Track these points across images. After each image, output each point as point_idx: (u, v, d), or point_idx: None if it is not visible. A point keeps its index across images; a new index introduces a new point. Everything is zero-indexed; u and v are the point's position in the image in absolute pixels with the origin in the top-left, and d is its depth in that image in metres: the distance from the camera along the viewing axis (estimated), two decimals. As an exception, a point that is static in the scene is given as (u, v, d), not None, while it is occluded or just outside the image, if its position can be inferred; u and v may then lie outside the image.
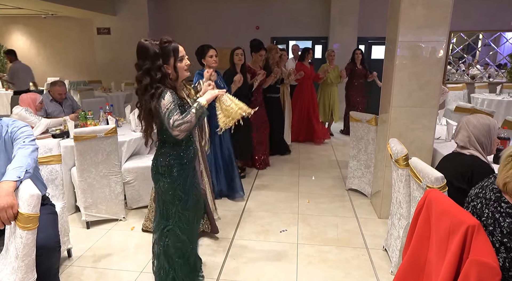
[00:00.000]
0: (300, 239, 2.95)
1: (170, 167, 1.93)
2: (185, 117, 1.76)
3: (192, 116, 1.76)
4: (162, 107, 1.78)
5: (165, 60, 1.83)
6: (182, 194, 1.98)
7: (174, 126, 1.75)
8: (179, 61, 1.88)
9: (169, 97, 1.79)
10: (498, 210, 1.35)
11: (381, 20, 7.94)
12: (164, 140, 1.95)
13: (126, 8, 8.28)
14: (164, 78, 1.82)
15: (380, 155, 3.38)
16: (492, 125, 2.04)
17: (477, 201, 1.51)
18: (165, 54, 1.82)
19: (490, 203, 1.40)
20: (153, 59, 1.79)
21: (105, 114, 3.70)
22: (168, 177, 1.94)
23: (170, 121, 1.75)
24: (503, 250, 1.32)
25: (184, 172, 1.97)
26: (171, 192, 1.96)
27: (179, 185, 1.96)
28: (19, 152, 1.78)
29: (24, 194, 1.55)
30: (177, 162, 1.94)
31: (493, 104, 6.92)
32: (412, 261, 1.63)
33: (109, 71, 8.60)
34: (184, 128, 1.76)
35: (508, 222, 1.31)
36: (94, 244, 2.85)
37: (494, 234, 1.35)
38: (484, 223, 1.39)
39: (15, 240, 1.57)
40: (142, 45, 1.81)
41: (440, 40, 2.88)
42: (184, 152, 1.96)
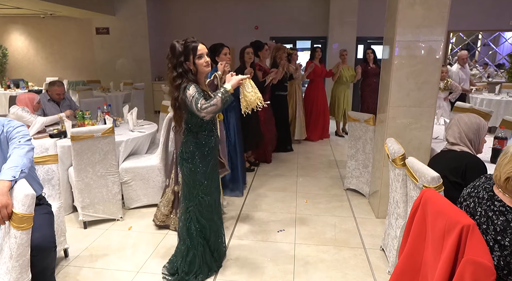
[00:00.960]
0: (298, 239, 2.95)
1: (192, 153, 2.21)
2: (211, 101, 2.01)
3: (218, 100, 2.00)
4: (188, 97, 2.04)
5: (186, 57, 2.08)
6: (203, 179, 2.25)
7: (202, 109, 1.99)
8: (197, 58, 2.11)
9: (193, 88, 2.05)
10: (491, 209, 1.35)
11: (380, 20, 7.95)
12: (189, 129, 2.22)
13: (125, 8, 8.27)
14: (186, 73, 2.08)
15: (378, 154, 3.37)
16: (482, 125, 2.07)
17: (469, 201, 1.51)
18: (186, 52, 2.08)
19: (483, 202, 1.40)
20: (177, 57, 2.07)
21: (103, 114, 3.69)
22: (190, 162, 2.22)
23: (198, 106, 2.00)
24: (497, 248, 1.32)
25: (205, 159, 2.24)
26: (193, 176, 2.24)
27: (200, 171, 2.23)
28: (15, 151, 1.77)
29: (19, 193, 1.55)
30: (199, 149, 2.22)
31: (492, 104, 6.91)
32: (408, 261, 1.62)
33: (108, 71, 8.60)
34: (210, 110, 2.00)
35: (501, 220, 1.31)
36: (91, 244, 2.85)
37: (487, 233, 1.35)
38: (478, 222, 1.39)
39: (9, 240, 1.57)
40: (172, 45, 2.10)
41: (437, 40, 2.87)
42: (206, 140, 2.23)
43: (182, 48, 2.08)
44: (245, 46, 4.21)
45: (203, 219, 2.30)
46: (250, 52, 4.13)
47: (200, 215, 2.29)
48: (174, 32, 8.65)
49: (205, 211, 2.30)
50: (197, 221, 2.29)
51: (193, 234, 2.30)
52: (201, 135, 2.22)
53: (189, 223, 2.29)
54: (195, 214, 2.28)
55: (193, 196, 2.26)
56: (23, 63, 9.77)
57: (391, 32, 2.99)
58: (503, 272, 1.31)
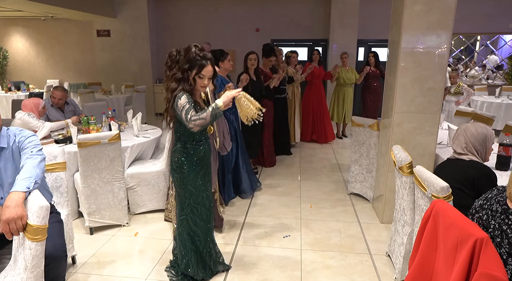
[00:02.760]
0: (304, 245, 2.96)
1: (181, 163, 2.21)
2: (201, 114, 2.00)
3: (207, 115, 2.00)
4: (178, 106, 2.04)
5: (191, 68, 2.09)
6: (192, 189, 2.25)
7: (190, 120, 1.99)
8: (198, 77, 2.11)
9: (185, 98, 2.05)
10: (505, 222, 1.37)
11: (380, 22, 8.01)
12: (178, 138, 2.23)
13: (126, 10, 8.27)
14: (183, 80, 2.08)
15: (382, 160, 3.39)
16: (489, 135, 2.08)
17: (482, 213, 1.52)
18: (192, 64, 2.08)
19: (497, 215, 1.41)
20: (183, 62, 2.08)
21: (108, 119, 3.70)
22: (179, 172, 2.22)
23: (187, 116, 1.99)
24: (511, 262, 1.34)
25: (194, 169, 2.23)
26: (183, 186, 2.24)
27: (189, 181, 2.23)
28: (28, 162, 1.78)
29: (33, 205, 1.56)
30: (187, 159, 2.21)
31: (492, 107, 6.96)
32: (419, 271, 1.64)
33: (109, 74, 8.60)
34: (198, 123, 2.00)
35: None
36: (98, 250, 2.85)
37: (501, 246, 1.37)
38: (491, 234, 1.41)
39: (24, 251, 1.58)
40: (188, 47, 2.09)
41: (442, 46, 2.89)
42: (194, 150, 2.22)
43: (193, 57, 2.07)
44: (249, 52, 4.18)
45: (196, 228, 2.33)
46: (252, 59, 4.12)
47: (193, 224, 2.32)
48: (176, 34, 8.65)
49: (198, 219, 2.32)
50: (190, 229, 2.33)
51: (185, 241, 2.35)
52: (190, 144, 2.22)
53: (182, 230, 2.33)
54: (188, 223, 2.31)
55: (185, 205, 2.28)
56: (24, 66, 9.75)
57: (397, 38, 3.01)
58: None
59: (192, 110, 2.02)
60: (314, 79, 6.03)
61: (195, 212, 2.30)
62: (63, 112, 4.12)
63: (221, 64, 3.54)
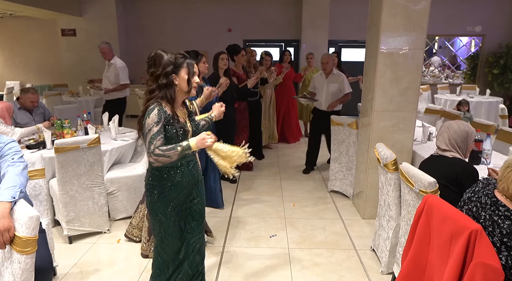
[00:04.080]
0: (291, 244, 2.99)
1: (152, 186, 1.86)
2: (167, 151, 1.67)
3: (175, 154, 1.68)
4: (144, 127, 1.71)
5: (176, 70, 1.78)
6: (162, 217, 1.88)
7: (153, 154, 1.67)
8: (192, 75, 1.83)
9: (154, 116, 1.70)
10: (496, 213, 1.45)
11: (350, 24, 8.25)
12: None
13: (93, 9, 7.97)
14: (168, 86, 1.77)
15: (362, 157, 3.49)
16: (471, 132, 2.20)
17: (471, 205, 1.61)
18: (178, 64, 1.79)
19: (487, 207, 1.50)
20: (164, 66, 1.76)
21: (83, 123, 3.54)
22: (150, 195, 1.88)
23: (150, 147, 1.67)
24: (504, 249, 1.42)
25: (166, 195, 1.85)
26: (153, 211, 1.90)
27: (159, 208, 1.87)
28: (10, 170, 1.67)
29: (22, 216, 1.47)
30: (159, 183, 1.83)
31: (455, 104, 7.34)
32: (413, 264, 1.71)
33: (75, 75, 8.22)
34: (161, 160, 1.69)
35: (507, 224, 1.42)
36: (79, 260, 2.73)
37: (494, 235, 1.45)
38: (483, 225, 1.49)
39: (12, 265, 1.48)
40: (158, 53, 1.79)
41: (418, 48, 3.02)
42: (168, 173, 1.83)
43: (173, 59, 1.78)
44: (219, 51, 3.91)
45: (166, 256, 1.99)
46: (224, 58, 3.83)
47: (163, 252, 1.98)
48: (146, 34, 8.44)
49: (169, 250, 1.97)
50: (162, 254, 2.00)
51: (160, 267, 2.02)
52: (162, 167, 1.81)
53: (156, 255, 2.03)
54: (159, 249, 1.99)
55: (156, 231, 1.96)
56: (-21, 66, 9.14)
57: (375, 40, 3.11)
58: (510, 271, 1.42)
59: (158, 137, 1.68)
60: (284, 80, 5.99)
61: (165, 241, 1.95)
62: (32, 116, 3.89)
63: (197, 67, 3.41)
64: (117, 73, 5.17)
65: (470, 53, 9.09)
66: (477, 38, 8.79)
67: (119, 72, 5.17)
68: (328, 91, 4.46)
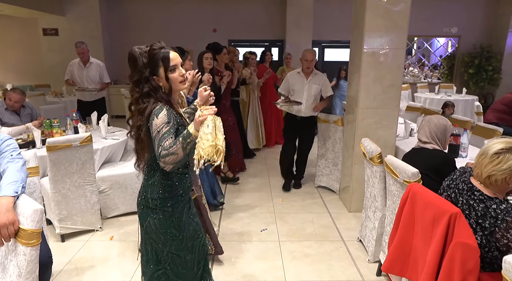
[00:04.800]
0: (281, 236, 3.09)
1: (163, 200, 1.63)
2: (170, 148, 1.44)
3: (178, 148, 1.43)
4: (152, 128, 1.48)
5: (154, 71, 1.55)
6: (176, 232, 1.67)
7: (161, 156, 1.44)
8: (170, 72, 1.57)
9: (163, 116, 1.48)
10: (471, 198, 1.59)
11: (333, 25, 8.43)
12: (157, 166, 1.59)
13: (76, 8, 7.88)
14: (155, 91, 1.55)
15: (347, 153, 3.63)
16: (448, 125, 2.37)
17: (450, 191, 1.75)
18: (153, 64, 1.54)
19: (464, 192, 1.63)
20: (140, 70, 1.54)
21: (73, 122, 3.55)
22: (160, 212, 1.64)
23: (159, 149, 1.45)
24: (479, 230, 1.56)
25: (179, 205, 1.68)
26: (163, 230, 1.66)
27: (174, 222, 1.66)
28: (10, 166, 1.71)
29: (27, 209, 1.51)
30: (171, 194, 1.64)
31: (434, 102, 7.64)
32: (399, 249, 1.83)
33: (58, 75, 8.08)
34: (169, 160, 1.44)
35: (481, 207, 1.55)
36: (73, 257, 2.75)
37: (470, 217, 1.59)
38: (460, 209, 1.62)
39: (17, 258, 1.52)
40: (131, 55, 1.56)
41: (399, 48, 3.18)
42: (179, 181, 1.66)
43: (147, 58, 1.54)
44: (203, 51, 3.83)
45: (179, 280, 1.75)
46: (209, 58, 3.69)
47: (175, 276, 1.73)
48: (131, 34, 8.39)
49: (181, 270, 1.72)
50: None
51: None
52: (174, 175, 1.64)
53: None
54: (168, 277, 1.74)
55: (163, 255, 1.70)
56: (-45, 66, 8.88)
57: (358, 40, 3.25)
58: (485, 249, 1.55)
59: (169, 138, 1.46)
60: (266, 81, 5.89)
61: (177, 260, 1.71)
62: (19, 116, 3.86)
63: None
64: (101, 72, 5.15)
65: (447, 54, 9.44)
66: (453, 39, 9.14)
67: (103, 71, 5.16)
68: (310, 93, 3.87)
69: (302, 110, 3.89)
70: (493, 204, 1.54)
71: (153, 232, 1.67)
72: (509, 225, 1.47)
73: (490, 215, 1.51)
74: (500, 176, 1.53)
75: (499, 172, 1.53)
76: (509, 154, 1.52)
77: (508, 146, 1.53)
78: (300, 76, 3.93)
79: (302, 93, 3.89)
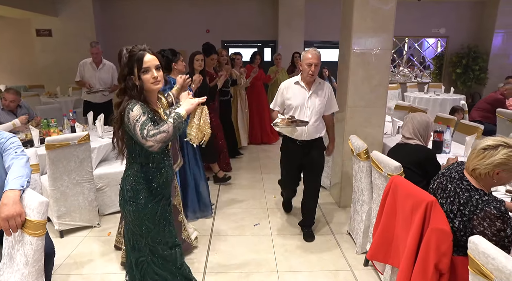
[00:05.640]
0: (273, 231, 3.21)
1: (136, 192, 1.73)
2: (161, 127, 1.58)
3: (169, 126, 1.58)
4: (130, 120, 1.60)
5: (131, 70, 1.68)
6: (151, 225, 1.77)
7: (148, 136, 1.55)
8: (143, 73, 1.68)
9: (138, 108, 1.62)
10: (459, 186, 1.73)
11: (324, 25, 8.58)
12: (133, 159, 1.75)
13: (69, 9, 7.92)
14: (130, 89, 1.67)
15: (337, 150, 3.75)
16: (430, 122, 2.51)
17: (443, 179, 1.87)
18: (130, 64, 1.67)
19: (454, 181, 1.77)
20: (122, 68, 1.70)
21: (70, 122, 3.63)
22: (134, 204, 1.74)
23: (144, 132, 1.56)
24: (459, 216, 1.69)
25: (153, 199, 1.76)
26: (138, 221, 1.76)
27: (146, 214, 1.75)
28: (15, 162, 1.80)
29: (33, 201, 1.60)
30: (144, 186, 1.73)
31: (423, 101, 7.83)
32: (382, 237, 1.96)
33: (52, 75, 8.14)
34: (160, 138, 1.55)
35: (466, 196, 1.69)
36: (72, 252, 2.84)
37: (454, 203, 1.72)
38: (447, 195, 1.76)
39: (24, 247, 1.62)
40: (119, 53, 1.72)
41: (386, 48, 3.32)
42: (153, 174, 1.75)
43: (127, 58, 1.68)
44: (194, 52, 3.80)
45: (160, 270, 1.86)
46: (200, 59, 3.69)
47: (156, 266, 1.84)
48: (124, 34, 8.45)
49: (161, 261, 1.84)
50: (154, 273, 1.85)
51: None
52: (148, 168, 1.74)
53: (143, 275, 1.85)
54: (150, 265, 1.84)
55: (141, 245, 1.81)
56: None
57: (347, 41, 3.38)
58: (461, 233, 1.68)
59: (149, 123, 1.59)
60: (255, 81, 6.06)
61: (155, 252, 1.83)
62: (15, 116, 3.93)
63: (174, 66, 3.13)
64: (114, 74, 5.11)
65: (436, 54, 9.65)
66: (442, 40, 9.36)
67: (115, 73, 5.11)
68: (314, 110, 2.83)
69: (304, 132, 2.83)
70: (476, 194, 1.66)
71: (130, 223, 1.79)
72: (486, 214, 1.60)
73: (472, 203, 1.64)
74: (483, 170, 1.65)
75: (482, 166, 1.65)
76: (493, 151, 1.63)
77: (495, 144, 1.64)
78: (299, 87, 2.86)
79: (303, 110, 2.83)
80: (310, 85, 2.85)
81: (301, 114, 2.83)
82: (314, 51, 2.77)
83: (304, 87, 2.85)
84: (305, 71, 2.77)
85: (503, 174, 1.62)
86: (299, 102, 2.84)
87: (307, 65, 2.74)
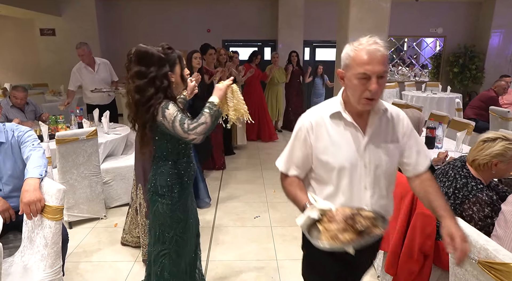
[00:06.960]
0: (273, 222, 3.36)
1: (171, 187, 1.82)
2: (199, 119, 1.63)
3: (206, 117, 1.64)
4: (167, 118, 1.64)
5: (172, 67, 1.72)
6: (181, 216, 1.88)
7: (190, 130, 1.61)
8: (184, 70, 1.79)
9: (172, 106, 1.66)
10: (459, 173, 1.87)
11: (323, 25, 8.71)
12: (165, 157, 1.81)
13: (72, 9, 8.05)
14: (169, 87, 1.71)
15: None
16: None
17: (446, 166, 2.02)
18: (172, 61, 1.72)
19: (455, 168, 1.92)
20: (160, 66, 1.67)
21: (77, 118, 3.77)
22: (168, 198, 1.82)
23: (184, 127, 1.61)
24: (452, 198, 1.84)
25: (185, 192, 1.88)
26: (171, 214, 1.85)
27: (179, 207, 1.86)
28: (33, 153, 1.94)
29: (51, 188, 1.75)
30: (178, 181, 1.83)
31: (420, 100, 7.97)
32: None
33: (55, 75, 8.28)
34: (200, 130, 1.62)
35: (463, 181, 1.83)
36: (81, 242, 2.99)
37: (450, 187, 1.87)
38: (447, 179, 1.90)
39: (43, 231, 1.76)
40: (145, 51, 1.67)
41: (380, 48, 3.45)
42: (185, 169, 1.87)
43: (165, 56, 1.68)
44: (191, 51, 3.97)
45: (179, 259, 1.93)
46: (197, 57, 3.85)
47: (177, 256, 1.91)
48: (126, 34, 8.59)
49: (182, 249, 1.93)
50: (173, 264, 1.92)
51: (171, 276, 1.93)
52: (181, 163, 1.85)
53: (162, 270, 1.91)
54: (170, 257, 1.90)
55: (168, 237, 1.87)
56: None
57: (343, 41, 3.52)
58: None
59: (186, 118, 1.64)
60: (253, 79, 6.18)
61: (180, 242, 1.90)
62: (23, 113, 4.08)
63: None
64: (110, 70, 5.02)
65: (433, 53, 9.79)
66: (439, 39, 9.49)
67: (111, 68, 5.04)
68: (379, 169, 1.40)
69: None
70: (473, 182, 1.80)
71: (161, 216, 1.85)
72: (478, 200, 1.73)
73: (467, 189, 1.78)
74: (482, 161, 1.79)
75: (481, 157, 1.79)
76: (492, 143, 1.77)
77: (494, 136, 1.77)
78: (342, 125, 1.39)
79: (355, 175, 1.40)
80: (366, 118, 1.39)
81: (351, 184, 1.41)
82: (374, 46, 1.29)
83: (353, 124, 1.37)
84: (356, 91, 1.29)
85: (501, 165, 1.75)
86: (345, 157, 1.37)
87: (361, 77, 1.26)
